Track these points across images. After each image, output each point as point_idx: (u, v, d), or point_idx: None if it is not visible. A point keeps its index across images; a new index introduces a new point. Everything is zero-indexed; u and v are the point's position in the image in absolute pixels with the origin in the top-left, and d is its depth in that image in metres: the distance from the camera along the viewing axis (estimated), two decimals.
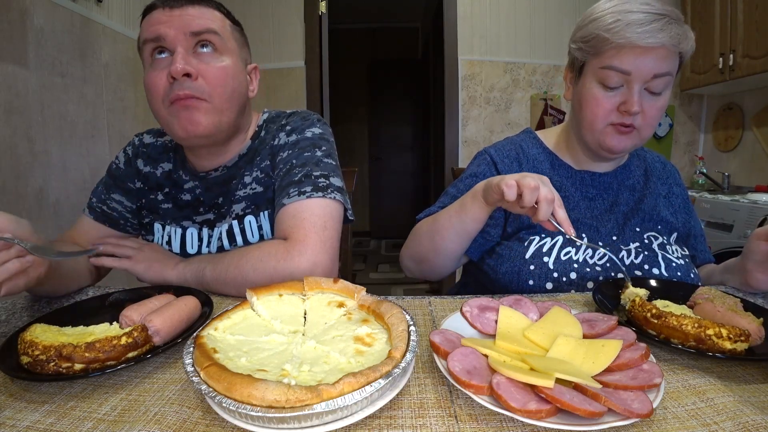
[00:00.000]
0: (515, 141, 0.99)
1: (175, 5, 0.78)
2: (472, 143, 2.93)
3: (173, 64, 0.75)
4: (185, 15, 0.78)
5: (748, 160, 2.70)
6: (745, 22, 2.29)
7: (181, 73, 0.75)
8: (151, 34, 0.77)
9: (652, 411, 0.39)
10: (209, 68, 0.79)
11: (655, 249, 0.86)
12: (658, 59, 0.76)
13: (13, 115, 1.48)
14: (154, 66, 0.79)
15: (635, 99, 0.78)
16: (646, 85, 0.78)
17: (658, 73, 0.77)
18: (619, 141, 0.83)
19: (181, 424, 0.41)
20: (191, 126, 0.78)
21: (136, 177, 0.96)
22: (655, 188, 0.95)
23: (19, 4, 1.50)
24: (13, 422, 0.42)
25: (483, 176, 0.92)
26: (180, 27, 0.77)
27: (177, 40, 0.77)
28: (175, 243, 0.92)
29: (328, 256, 0.77)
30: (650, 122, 0.81)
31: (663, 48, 0.75)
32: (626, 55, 0.77)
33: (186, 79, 0.76)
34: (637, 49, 0.76)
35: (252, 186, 0.90)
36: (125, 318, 0.56)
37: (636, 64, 0.77)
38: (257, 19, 2.78)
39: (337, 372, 0.43)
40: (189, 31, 0.77)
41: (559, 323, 0.55)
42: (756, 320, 0.55)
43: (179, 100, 0.77)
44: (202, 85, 0.78)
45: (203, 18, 0.79)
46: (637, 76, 0.77)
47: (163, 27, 0.76)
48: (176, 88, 0.76)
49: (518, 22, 2.85)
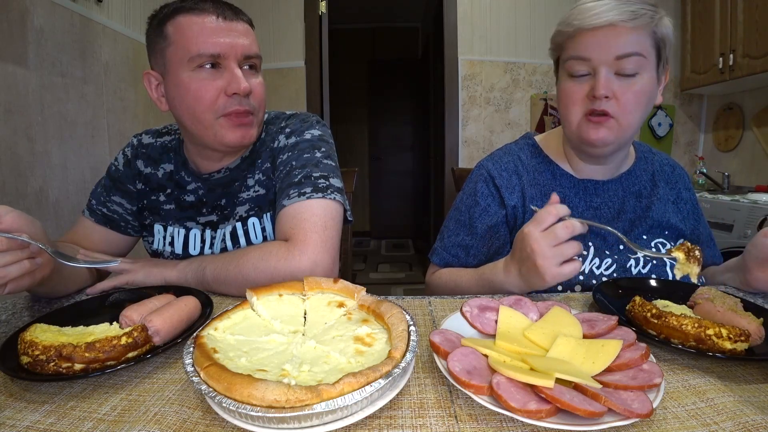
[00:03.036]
0: (513, 151, 0.96)
1: (228, 16, 0.81)
2: (472, 143, 2.93)
3: (238, 83, 0.80)
4: (236, 31, 0.81)
5: (748, 160, 2.70)
6: (745, 22, 2.28)
7: (246, 92, 0.81)
8: (209, 48, 0.78)
9: (652, 411, 0.39)
10: (256, 85, 0.85)
11: (664, 258, 0.84)
12: (616, 38, 0.74)
13: (13, 115, 1.48)
14: (201, 75, 0.80)
15: (601, 83, 0.75)
16: (615, 68, 0.76)
17: (619, 54, 0.74)
18: (597, 131, 0.78)
19: (181, 424, 0.41)
20: (245, 138, 0.85)
21: (136, 178, 0.96)
22: (663, 194, 0.92)
23: (19, 4, 1.50)
24: (13, 422, 0.42)
25: (482, 194, 0.91)
26: (235, 47, 0.81)
27: (232, 58, 0.81)
28: (177, 244, 0.92)
29: (328, 256, 0.77)
30: (628, 108, 0.77)
31: (614, 27, 0.74)
32: (581, 40, 0.77)
33: (245, 96, 0.82)
34: (589, 32, 0.76)
35: (255, 188, 0.90)
36: (125, 318, 0.56)
37: (592, 48, 0.76)
38: (257, 19, 2.74)
39: (337, 372, 0.43)
40: (243, 54, 0.82)
41: (559, 323, 0.55)
42: (756, 320, 0.55)
43: (238, 115, 0.82)
44: (253, 101, 0.85)
45: (250, 38, 0.84)
46: (598, 59, 0.76)
47: (221, 44, 0.79)
48: (235, 103, 0.81)
49: (518, 22, 2.85)
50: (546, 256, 0.64)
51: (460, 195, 0.98)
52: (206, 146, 0.87)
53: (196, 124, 0.83)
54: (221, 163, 0.92)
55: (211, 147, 0.87)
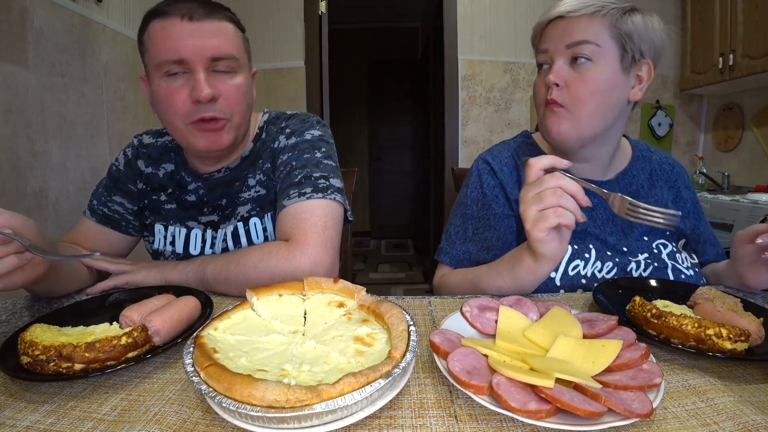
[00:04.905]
0: (511, 146, 0.96)
1: (196, 15, 0.76)
2: (472, 143, 2.93)
3: (199, 90, 0.76)
4: (203, 32, 0.77)
5: (748, 160, 2.70)
6: (745, 22, 2.29)
7: (208, 98, 0.77)
8: (171, 55, 0.76)
9: (652, 411, 0.39)
10: (228, 88, 0.80)
11: (665, 259, 0.84)
12: (567, 28, 0.78)
13: (13, 115, 1.48)
14: (168, 81, 0.78)
15: (553, 71, 0.78)
16: (568, 57, 0.78)
17: (569, 42, 0.77)
18: (551, 120, 0.80)
19: (181, 424, 0.41)
20: (215, 144, 0.82)
21: (137, 178, 0.96)
22: (661, 193, 0.92)
23: (19, 4, 1.50)
24: (13, 422, 0.42)
25: (488, 185, 0.90)
26: (201, 50, 0.76)
27: (198, 62, 0.77)
28: (178, 243, 0.92)
29: (328, 256, 0.77)
30: (578, 96, 0.77)
31: (565, 17, 0.78)
32: (544, 34, 0.82)
33: (210, 102, 0.78)
34: (549, 25, 0.81)
35: (256, 188, 0.90)
36: (125, 318, 0.56)
37: (549, 39, 0.81)
38: (257, 19, 2.78)
39: (337, 372, 0.43)
40: (210, 56, 0.77)
41: (559, 323, 0.55)
42: (756, 320, 0.55)
43: (204, 121, 0.79)
44: (222, 105, 0.80)
45: (222, 38, 0.79)
46: (553, 49, 0.80)
47: (183, 49, 0.75)
48: (201, 110, 0.78)
49: (518, 22, 2.85)
50: (525, 200, 0.64)
51: (463, 191, 0.96)
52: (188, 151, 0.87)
53: (171, 130, 0.84)
54: (219, 164, 0.92)
55: (191, 152, 0.87)
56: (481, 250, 0.88)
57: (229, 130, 0.83)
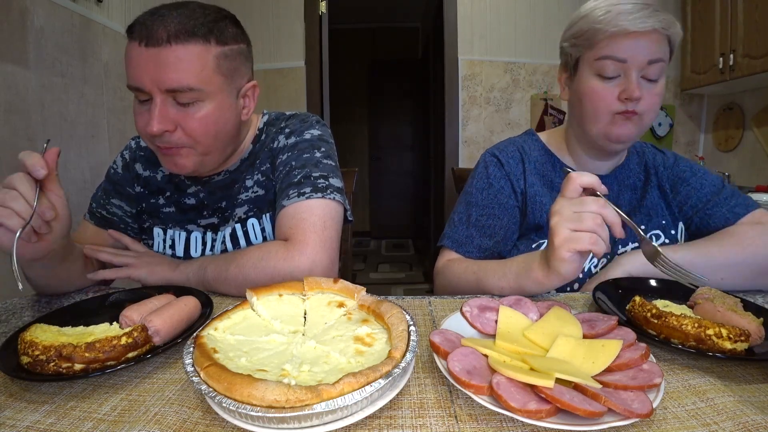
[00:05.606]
0: (517, 142, 0.98)
1: (151, 42, 0.70)
2: (472, 143, 2.93)
3: (151, 125, 0.72)
4: (160, 61, 0.71)
5: (749, 160, 2.70)
6: (745, 22, 2.28)
7: (159, 134, 0.74)
8: (132, 81, 0.73)
9: (652, 411, 0.39)
10: (189, 119, 0.75)
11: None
12: (651, 44, 0.78)
13: (13, 115, 1.48)
14: (137, 103, 0.77)
15: (635, 85, 0.79)
16: (642, 72, 0.79)
17: (652, 58, 0.78)
18: (625, 128, 0.82)
19: (181, 424, 0.41)
20: (177, 168, 0.81)
21: (135, 181, 0.96)
22: (657, 182, 0.94)
23: (19, 4, 1.50)
24: (13, 422, 0.42)
25: (495, 177, 0.92)
26: (156, 82, 0.71)
27: (156, 93, 0.73)
28: (178, 247, 0.92)
29: (327, 256, 0.77)
30: (651, 107, 0.82)
31: (655, 32, 0.77)
32: (620, 42, 0.78)
33: (165, 133, 0.75)
34: (630, 35, 0.77)
35: (254, 189, 0.90)
36: (125, 318, 0.56)
37: (631, 51, 0.78)
38: (257, 19, 2.78)
39: (337, 372, 0.43)
40: (164, 88, 0.72)
41: (559, 323, 0.55)
42: (756, 320, 0.55)
43: (160, 149, 0.79)
44: (181, 137, 0.76)
45: (180, 69, 0.71)
46: (633, 62, 0.79)
47: (139, 77, 0.72)
48: (157, 140, 0.76)
49: (518, 22, 2.85)
50: (561, 214, 0.61)
51: (469, 181, 0.98)
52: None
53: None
54: (219, 168, 0.91)
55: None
56: (483, 236, 0.90)
57: (193, 156, 0.79)
